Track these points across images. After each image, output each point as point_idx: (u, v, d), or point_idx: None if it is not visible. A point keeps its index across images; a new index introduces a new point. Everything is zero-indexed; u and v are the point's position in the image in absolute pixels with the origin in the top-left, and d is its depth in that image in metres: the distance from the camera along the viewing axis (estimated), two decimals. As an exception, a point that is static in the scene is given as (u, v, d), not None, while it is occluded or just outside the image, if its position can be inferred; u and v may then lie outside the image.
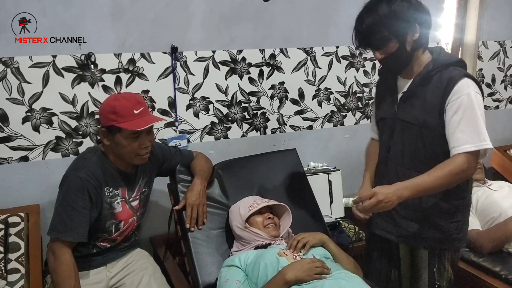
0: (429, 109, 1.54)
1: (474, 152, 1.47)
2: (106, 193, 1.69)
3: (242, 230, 1.80)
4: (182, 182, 1.98)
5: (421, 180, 1.47)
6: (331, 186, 2.57)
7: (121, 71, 2.16)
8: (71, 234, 1.59)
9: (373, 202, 1.43)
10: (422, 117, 1.56)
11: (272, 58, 2.51)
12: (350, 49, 2.71)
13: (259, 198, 1.92)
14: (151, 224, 2.34)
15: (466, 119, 1.46)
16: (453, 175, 1.46)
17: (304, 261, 1.53)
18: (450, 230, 1.63)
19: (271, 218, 1.83)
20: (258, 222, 1.81)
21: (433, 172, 1.47)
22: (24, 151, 2.05)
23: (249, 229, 1.78)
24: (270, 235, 1.77)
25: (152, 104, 2.26)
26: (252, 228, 1.78)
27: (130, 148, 1.65)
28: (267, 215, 1.83)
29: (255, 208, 1.81)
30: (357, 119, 2.83)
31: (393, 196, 1.43)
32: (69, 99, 2.09)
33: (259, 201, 1.86)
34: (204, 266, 1.81)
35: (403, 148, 1.63)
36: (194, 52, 2.30)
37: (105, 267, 1.78)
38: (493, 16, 3.06)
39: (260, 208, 1.82)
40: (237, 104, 2.48)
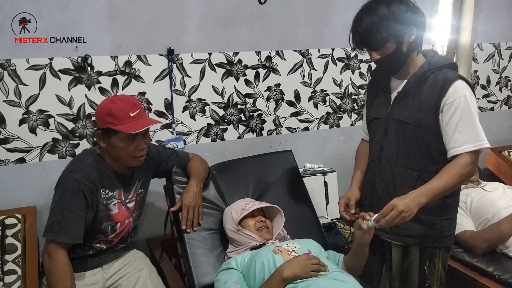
0: (425, 109, 1.57)
1: (475, 151, 1.52)
2: (102, 195, 1.70)
3: (235, 233, 1.81)
4: (178, 183, 1.99)
5: (434, 185, 1.51)
6: (327, 187, 2.59)
7: (118, 73, 2.17)
8: (66, 235, 1.59)
9: (394, 215, 1.45)
10: (417, 116, 1.59)
11: (268, 60, 2.52)
12: (345, 51, 2.72)
13: (252, 201, 1.92)
14: (148, 226, 2.35)
15: (464, 120, 1.51)
16: (460, 176, 1.52)
17: (300, 258, 1.54)
18: (443, 227, 1.67)
19: (263, 221, 1.84)
20: (251, 225, 1.82)
21: (443, 175, 1.52)
22: (21, 153, 2.06)
23: (241, 232, 1.79)
24: (263, 238, 1.78)
25: (149, 106, 2.27)
26: (245, 231, 1.79)
27: (126, 151, 1.66)
28: (259, 218, 1.84)
29: (247, 211, 1.82)
30: (352, 120, 2.85)
31: (412, 205, 1.46)
32: (65, 101, 2.10)
33: (251, 204, 1.87)
34: (200, 267, 1.82)
35: (397, 147, 1.66)
36: (190, 54, 2.32)
37: (101, 268, 1.79)
38: (488, 18, 3.08)
39: (252, 211, 1.83)
40: (233, 106, 2.49)
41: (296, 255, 1.60)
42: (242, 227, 1.82)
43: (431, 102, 1.56)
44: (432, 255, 1.70)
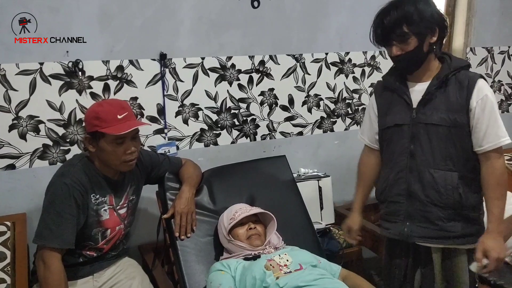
0: (456, 108, 1.58)
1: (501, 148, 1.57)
2: (92, 200, 1.67)
3: (227, 243, 1.81)
4: (170, 190, 1.97)
5: (497, 207, 1.55)
6: (321, 192, 2.57)
7: (109, 78, 2.15)
8: (56, 240, 1.56)
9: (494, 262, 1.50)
10: (450, 117, 1.58)
11: (262, 65, 2.51)
12: (339, 56, 2.72)
13: (243, 207, 1.90)
14: (140, 233, 2.32)
15: (493, 116, 1.56)
16: (505, 180, 1.57)
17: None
18: (481, 221, 1.67)
19: (252, 228, 1.82)
20: (240, 235, 1.80)
21: (495, 192, 1.56)
22: (11, 159, 2.03)
23: (232, 242, 1.78)
24: (253, 245, 1.77)
25: (141, 111, 2.25)
26: (236, 242, 1.78)
27: (115, 154, 1.63)
28: (248, 226, 1.82)
29: (235, 220, 1.80)
30: (346, 125, 2.84)
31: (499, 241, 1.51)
32: (56, 106, 2.07)
33: (240, 212, 1.84)
34: (193, 274, 1.79)
35: (432, 151, 1.62)
36: (183, 59, 2.30)
37: (92, 276, 1.76)
38: (480, 23, 3.10)
39: (241, 219, 1.81)
40: (227, 111, 2.47)
41: (287, 271, 1.59)
42: (233, 236, 1.80)
43: (462, 101, 1.57)
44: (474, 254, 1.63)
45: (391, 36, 1.56)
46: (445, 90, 1.60)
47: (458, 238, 1.64)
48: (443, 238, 1.65)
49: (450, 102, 1.58)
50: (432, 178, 1.62)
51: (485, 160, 1.58)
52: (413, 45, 1.54)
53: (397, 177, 1.70)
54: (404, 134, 1.67)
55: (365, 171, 1.87)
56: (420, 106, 1.63)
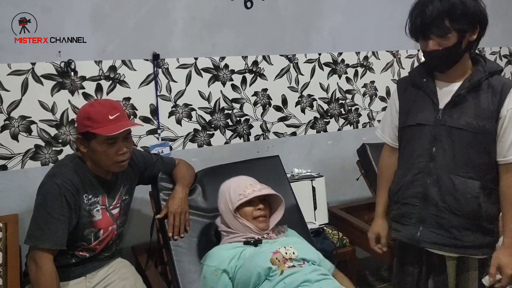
0: (486, 115, 1.50)
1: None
2: (84, 200, 1.66)
3: (232, 219, 1.73)
4: (164, 190, 1.96)
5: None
6: (314, 192, 2.57)
7: (102, 78, 2.15)
8: (48, 241, 1.55)
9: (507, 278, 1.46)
10: (479, 123, 1.50)
11: (255, 65, 2.51)
12: (332, 56, 2.72)
13: (251, 185, 1.79)
14: (133, 233, 2.31)
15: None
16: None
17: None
18: (496, 232, 1.59)
19: (261, 209, 1.74)
20: (247, 213, 1.72)
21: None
22: (3, 160, 2.02)
23: (238, 219, 1.72)
24: (259, 227, 1.71)
25: (134, 112, 2.24)
26: (241, 220, 1.71)
27: (107, 155, 1.63)
28: (257, 206, 1.74)
29: (246, 198, 1.72)
30: (340, 125, 2.85)
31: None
32: (48, 107, 2.06)
33: (251, 189, 1.75)
34: (187, 275, 1.78)
35: (454, 156, 1.54)
36: (176, 59, 2.30)
37: (85, 277, 1.75)
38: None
39: (251, 198, 1.73)
40: (220, 111, 2.47)
41: (291, 265, 1.57)
42: (239, 213, 1.73)
43: (493, 108, 1.48)
44: (487, 265, 1.58)
45: (431, 28, 1.44)
46: (477, 94, 1.51)
47: (471, 248, 1.57)
48: (455, 246, 1.58)
49: (481, 107, 1.50)
50: (452, 184, 1.54)
51: (505, 172, 1.51)
52: (452, 41, 1.44)
53: (413, 179, 1.62)
54: (425, 135, 1.59)
55: (388, 172, 1.77)
56: (447, 108, 1.55)
